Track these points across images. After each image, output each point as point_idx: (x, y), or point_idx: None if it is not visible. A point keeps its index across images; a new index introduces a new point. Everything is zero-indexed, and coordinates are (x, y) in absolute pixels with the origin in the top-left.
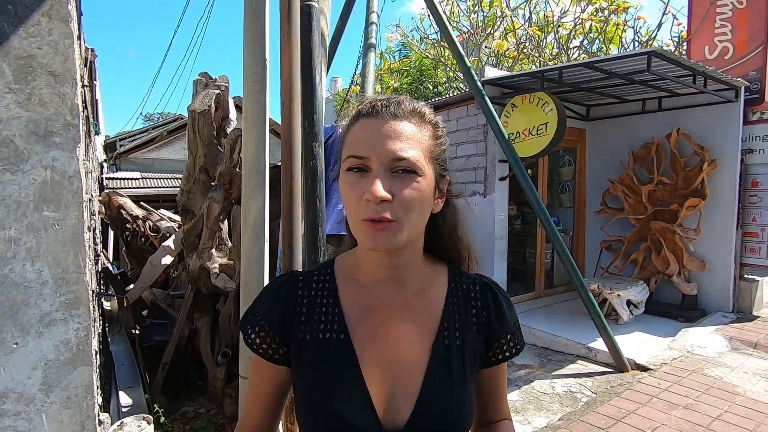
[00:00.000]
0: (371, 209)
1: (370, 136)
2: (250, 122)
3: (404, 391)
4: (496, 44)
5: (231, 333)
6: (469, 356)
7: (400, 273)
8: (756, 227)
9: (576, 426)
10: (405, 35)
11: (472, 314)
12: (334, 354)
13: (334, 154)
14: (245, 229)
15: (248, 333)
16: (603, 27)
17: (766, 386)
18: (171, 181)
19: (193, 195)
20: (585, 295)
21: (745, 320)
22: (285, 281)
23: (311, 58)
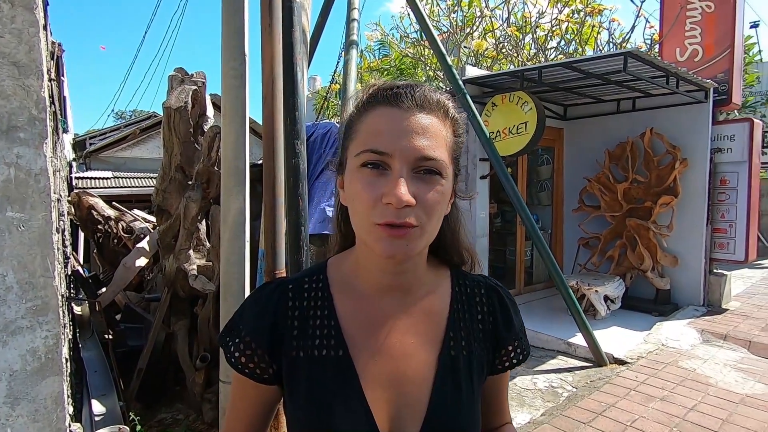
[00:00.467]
0: (391, 213)
1: (393, 129)
2: (229, 119)
3: (411, 410)
4: (475, 44)
5: (210, 336)
6: (476, 366)
7: (404, 280)
8: (724, 223)
9: (558, 421)
10: (385, 34)
11: (478, 320)
12: (332, 372)
13: (315, 152)
14: (224, 229)
15: (231, 351)
16: (579, 28)
17: (737, 377)
18: (145, 180)
19: (169, 194)
20: (565, 291)
21: (715, 313)
22: (273, 290)
23: (293, 53)
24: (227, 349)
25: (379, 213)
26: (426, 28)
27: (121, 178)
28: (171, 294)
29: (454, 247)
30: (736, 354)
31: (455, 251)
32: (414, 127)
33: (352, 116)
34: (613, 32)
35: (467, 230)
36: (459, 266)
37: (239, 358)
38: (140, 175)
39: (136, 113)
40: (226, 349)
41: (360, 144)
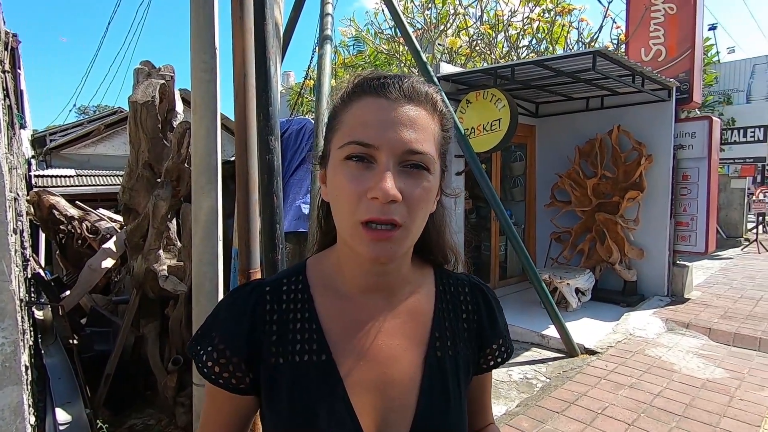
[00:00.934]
0: (376, 209)
1: (380, 120)
2: (199, 114)
3: (398, 415)
4: (449, 41)
5: (182, 338)
6: (462, 366)
7: (388, 280)
8: (686, 217)
9: (533, 411)
10: (359, 30)
11: (463, 319)
12: (315, 378)
13: (289, 149)
14: (196, 228)
15: (203, 360)
16: (549, 28)
17: (699, 363)
18: (110, 178)
19: (136, 193)
20: (538, 285)
21: (678, 303)
22: (249, 294)
23: (265, 47)
24: (199, 359)
25: (363, 208)
26: (401, 24)
27: (85, 176)
28: (140, 296)
29: (439, 246)
30: (698, 341)
31: (440, 251)
32: (402, 119)
33: (337, 106)
34: (582, 32)
35: (452, 229)
36: (442, 265)
37: (212, 367)
38: (106, 172)
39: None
40: (197, 358)
41: (345, 135)
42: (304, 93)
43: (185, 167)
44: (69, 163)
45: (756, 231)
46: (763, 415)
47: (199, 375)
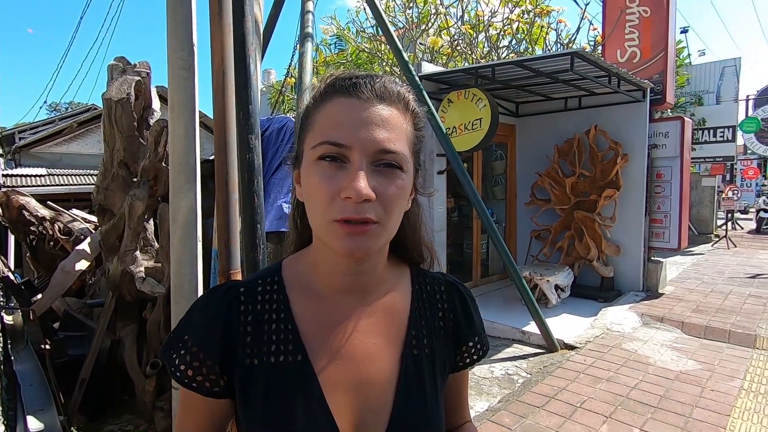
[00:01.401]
0: (350, 208)
1: (351, 120)
2: (177, 112)
3: (375, 415)
4: (430, 41)
5: (160, 341)
6: (438, 364)
7: (365, 280)
8: (660, 214)
9: (514, 407)
10: (340, 28)
11: (439, 317)
12: (291, 379)
13: (270, 147)
14: (174, 228)
15: (175, 363)
16: (529, 28)
17: (672, 355)
18: (84, 177)
19: (111, 192)
20: (519, 282)
21: (653, 297)
22: (223, 295)
23: (245, 44)
24: (171, 362)
25: (337, 208)
26: (382, 23)
27: (57, 175)
28: (116, 298)
29: (414, 244)
30: (672, 334)
31: (415, 249)
32: (374, 119)
33: (309, 107)
34: (560, 33)
35: (428, 227)
36: (418, 264)
37: (186, 371)
38: (79, 172)
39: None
40: (170, 362)
41: (317, 136)
42: (285, 91)
43: (163, 166)
44: (40, 161)
45: (725, 228)
46: (732, 405)
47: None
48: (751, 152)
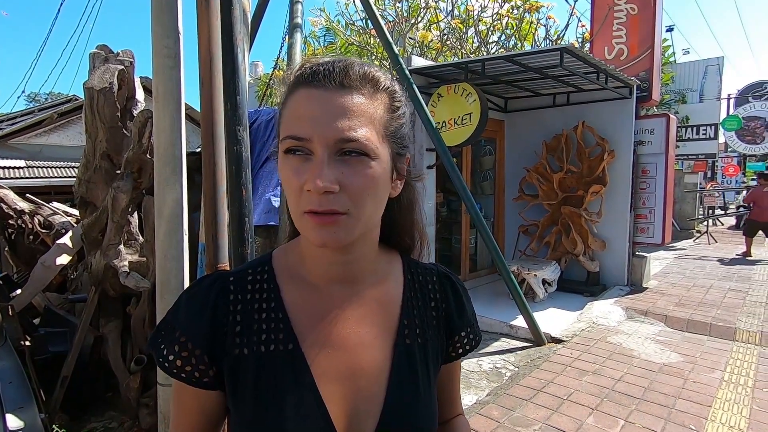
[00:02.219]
0: (314, 201)
1: (312, 112)
2: (162, 102)
3: (367, 404)
4: (420, 35)
5: (145, 337)
6: (431, 354)
7: (354, 269)
8: (645, 210)
9: (503, 400)
10: (329, 20)
11: (431, 308)
12: (282, 368)
13: (258, 140)
14: (160, 222)
15: (163, 354)
16: (518, 24)
17: (656, 348)
18: (65, 170)
19: (93, 185)
20: (507, 277)
21: (637, 292)
22: (211, 284)
23: (233, 33)
24: (159, 353)
25: (304, 201)
26: (373, 15)
27: (37, 167)
28: (99, 293)
29: (405, 230)
30: (655, 328)
31: (406, 233)
32: (334, 109)
33: (281, 101)
34: (549, 29)
35: (423, 212)
36: (410, 251)
37: (174, 361)
38: (60, 164)
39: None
40: (158, 352)
41: (284, 129)
42: (273, 84)
43: (147, 158)
44: (18, 153)
45: (707, 223)
46: (714, 396)
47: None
48: (732, 150)
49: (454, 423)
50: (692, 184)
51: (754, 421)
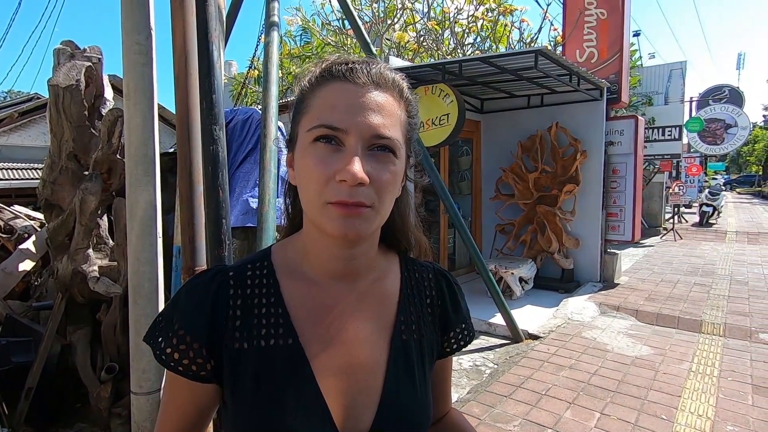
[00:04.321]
0: (344, 191)
1: (348, 104)
2: (133, 101)
3: (365, 397)
4: (397, 35)
5: (117, 344)
6: (426, 349)
7: (356, 265)
8: (616, 208)
9: (483, 397)
10: (305, 19)
11: (427, 304)
12: (282, 363)
13: (235, 140)
14: (132, 224)
15: (161, 346)
16: (493, 27)
17: (628, 342)
18: (27, 171)
19: (59, 187)
20: (486, 275)
21: (609, 288)
22: (212, 279)
23: (208, 30)
24: (157, 346)
25: (332, 191)
26: (350, 15)
27: None
28: (66, 300)
29: (402, 232)
30: (627, 322)
31: (404, 236)
32: (369, 104)
33: (304, 90)
34: (523, 32)
35: (417, 215)
36: (407, 252)
37: (172, 354)
38: (21, 165)
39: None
40: (155, 345)
41: (313, 118)
42: (249, 83)
43: (117, 158)
44: None
45: (672, 221)
46: (683, 386)
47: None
48: (694, 150)
49: (451, 416)
50: (659, 183)
51: (720, 408)
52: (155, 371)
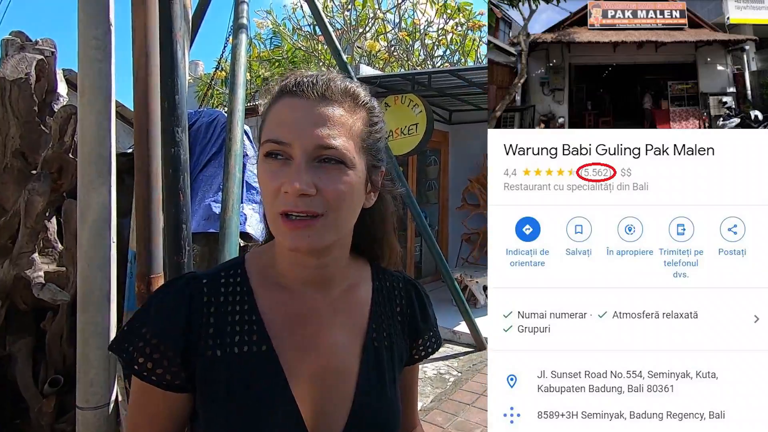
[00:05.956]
0: (290, 202)
1: (294, 119)
2: (88, 98)
3: (337, 403)
4: (368, 44)
5: (64, 355)
6: (396, 356)
7: (327, 273)
8: None
9: (446, 405)
10: (276, 23)
11: (397, 312)
12: (256, 369)
13: (199, 142)
14: (83, 227)
15: (133, 356)
16: (462, 41)
17: None
18: None
19: (3, 186)
20: (451, 284)
21: None
22: (184, 286)
23: (172, 28)
24: (128, 356)
25: (280, 202)
26: (321, 21)
27: None
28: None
29: (377, 240)
30: None
31: (376, 245)
32: (314, 118)
33: (264, 108)
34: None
35: (395, 226)
36: (380, 260)
37: (144, 363)
38: None
39: None
40: (126, 355)
41: (265, 134)
42: (215, 84)
43: (69, 158)
44: None
45: None
46: None
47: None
48: None
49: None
50: None
51: None
52: (104, 384)
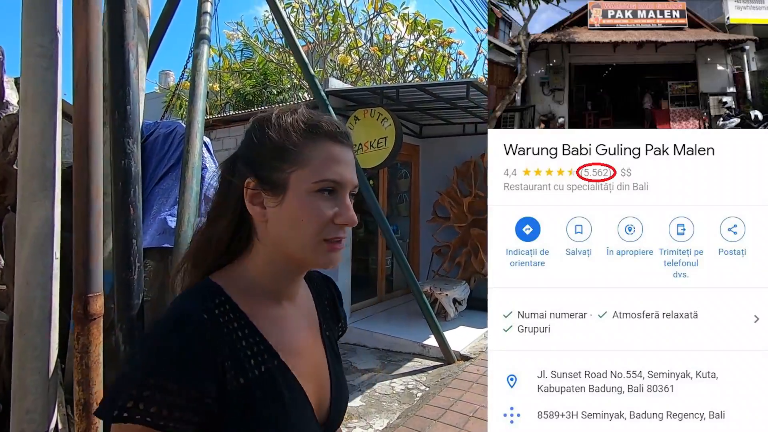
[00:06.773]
0: (341, 231)
1: (343, 163)
2: (32, 107)
3: (324, 392)
4: (340, 58)
5: (2, 380)
6: (334, 340)
7: (296, 286)
8: None
9: (413, 421)
10: (247, 35)
11: (326, 304)
12: (278, 382)
13: (155, 154)
14: (23, 243)
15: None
16: (432, 57)
17: None
18: None
19: None
20: (420, 297)
21: None
22: (200, 324)
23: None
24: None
25: (331, 230)
26: (288, 35)
27: None
28: None
29: None
30: None
31: None
32: (350, 161)
33: (294, 141)
34: (460, 64)
35: None
36: None
37: (170, 415)
38: None
39: None
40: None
41: (320, 173)
42: (182, 94)
43: (13, 169)
44: None
45: None
46: None
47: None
48: None
49: None
50: None
51: None
52: (41, 411)
